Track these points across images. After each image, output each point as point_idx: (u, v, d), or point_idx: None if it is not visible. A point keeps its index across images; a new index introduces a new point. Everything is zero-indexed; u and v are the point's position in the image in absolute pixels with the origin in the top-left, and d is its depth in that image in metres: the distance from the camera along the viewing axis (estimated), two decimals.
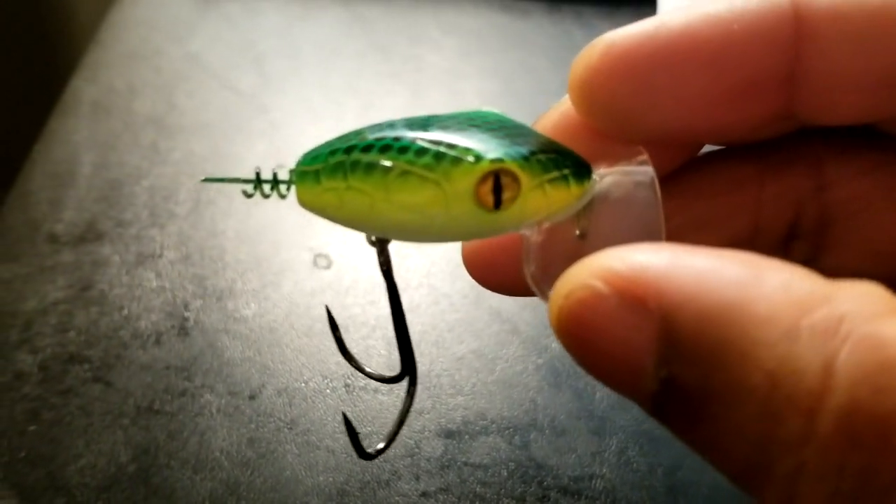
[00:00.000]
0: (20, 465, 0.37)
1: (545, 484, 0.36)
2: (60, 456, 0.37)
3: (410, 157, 0.19)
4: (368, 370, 0.25)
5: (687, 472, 0.37)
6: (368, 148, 0.20)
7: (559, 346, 0.41)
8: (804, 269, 0.16)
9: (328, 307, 0.25)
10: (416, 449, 0.38)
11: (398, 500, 0.36)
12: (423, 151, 0.19)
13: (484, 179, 0.19)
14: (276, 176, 0.21)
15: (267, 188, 0.21)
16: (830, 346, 0.15)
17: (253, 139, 0.54)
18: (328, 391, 0.40)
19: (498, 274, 0.25)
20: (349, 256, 0.47)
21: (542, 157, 0.20)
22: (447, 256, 0.47)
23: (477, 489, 0.36)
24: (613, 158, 0.22)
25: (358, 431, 0.24)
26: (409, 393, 0.24)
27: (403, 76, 0.60)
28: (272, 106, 0.57)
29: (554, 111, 0.23)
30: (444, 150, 0.19)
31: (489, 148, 0.20)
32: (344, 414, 0.25)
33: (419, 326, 0.43)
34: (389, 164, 0.19)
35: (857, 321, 0.15)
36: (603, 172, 0.22)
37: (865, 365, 0.14)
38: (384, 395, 0.40)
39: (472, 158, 0.19)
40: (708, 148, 0.25)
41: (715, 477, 0.36)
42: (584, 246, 0.22)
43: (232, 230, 0.48)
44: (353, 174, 0.20)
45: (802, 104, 0.22)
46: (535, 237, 0.22)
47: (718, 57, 0.21)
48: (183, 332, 0.42)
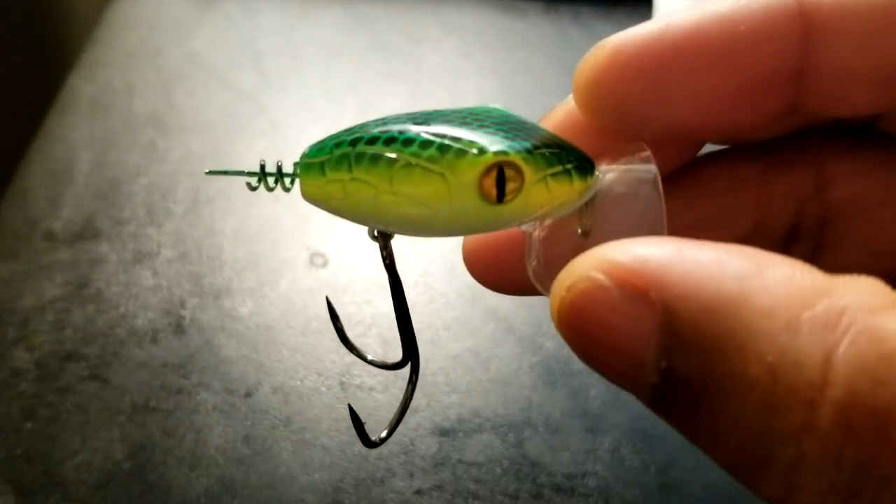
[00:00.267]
0: (17, 461, 0.37)
1: (539, 481, 0.37)
2: (57, 453, 0.37)
3: (415, 149, 0.19)
4: (370, 358, 0.25)
5: (680, 470, 0.37)
6: (373, 140, 0.20)
7: (554, 345, 0.42)
8: (805, 263, 0.16)
9: (328, 298, 0.25)
10: (410, 446, 0.38)
11: (393, 497, 0.36)
12: (427, 144, 0.19)
13: (488, 172, 0.19)
14: (280, 168, 0.21)
15: (271, 181, 0.21)
16: (831, 338, 0.15)
17: (252, 139, 0.54)
18: (323, 389, 0.40)
19: (498, 272, 0.25)
20: (346, 255, 0.47)
21: (545, 151, 0.20)
22: (444, 256, 0.47)
23: (471, 486, 0.36)
24: (616, 155, 0.22)
25: (364, 421, 0.24)
26: (411, 380, 0.23)
27: (403, 76, 0.60)
28: (272, 105, 0.57)
29: (558, 109, 0.23)
30: (448, 142, 0.19)
31: (493, 141, 0.20)
32: (349, 405, 0.25)
33: (415, 325, 0.43)
34: (394, 155, 0.19)
35: (857, 314, 0.15)
36: (606, 169, 0.22)
37: (865, 357, 0.14)
38: (379, 392, 0.40)
39: (476, 151, 0.19)
40: (708, 147, 0.25)
41: (708, 475, 0.36)
42: (586, 242, 0.22)
43: (229, 229, 0.48)
44: (357, 166, 0.20)
45: (810, 98, 0.22)
46: (537, 233, 0.22)
47: (727, 57, 0.21)
48: (179, 329, 0.42)
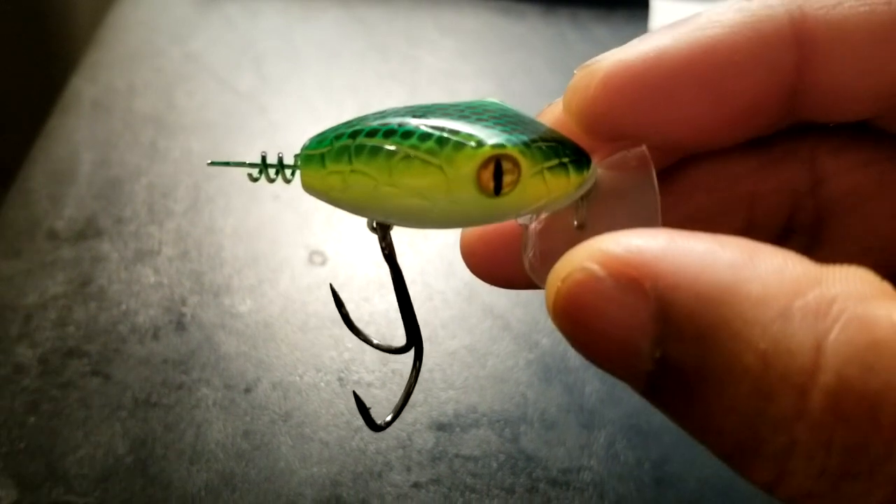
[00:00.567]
0: (20, 455, 0.37)
1: (534, 475, 0.37)
2: (59, 447, 0.37)
3: (414, 141, 0.20)
4: (376, 342, 0.25)
5: (674, 465, 0.37)
6: (373, 132, 0.20)
7: (550, 341, 0.42)
8: (796, 254, 0.16)
9: (332, 285, 0.26)
10: (408, 441, 0.38)
11: (390, 490, 0.36)
12: (426, 136, 0.20)
13: (485, 165, 0.20)
14: (281, 160, 0.22)
15: (272, 172, 0.22)
16: (822, 326, 0.15)
17: (252, 139, 0.55)
18: (322, 385, 0.41)
19: (494, 266, 0.25)
20: (344, 254, 0.47)
21: (542, 144, 0.20)
22: (442, 254, 0.47)
23: (467, 480, 0.37)
24: (612, 149, 0.22)
25: (369, 406, 0.24)
26: (415, 365, 0.24)
27: (402, 77, 0.61)
28: (271, 106, 0.57)
29: (555, 105, 0.24)
30: (447, 135, 0.20)
31: (491, 134, 0.20)
32: (354, 392, 0.25)
33: None
34: (393, 148, 0.20)
35: (848, 302, 0.15)
36: (602, 163, 0.22)
37: (855, 344, 0.15)
38: (377, 388, 0.40)
39: (474, 144, 0.20)
40: None
41: (702, 470, 0.37)
42: (582, 234, 0.22)
43: (229, 227, 0.48)
44: (357, 158, 0.20)
45: (804, 111, 0.22)
46: (534, 226, 0.23)
47: (722, 84, 0.21)
48: (180, 326, 0.43)
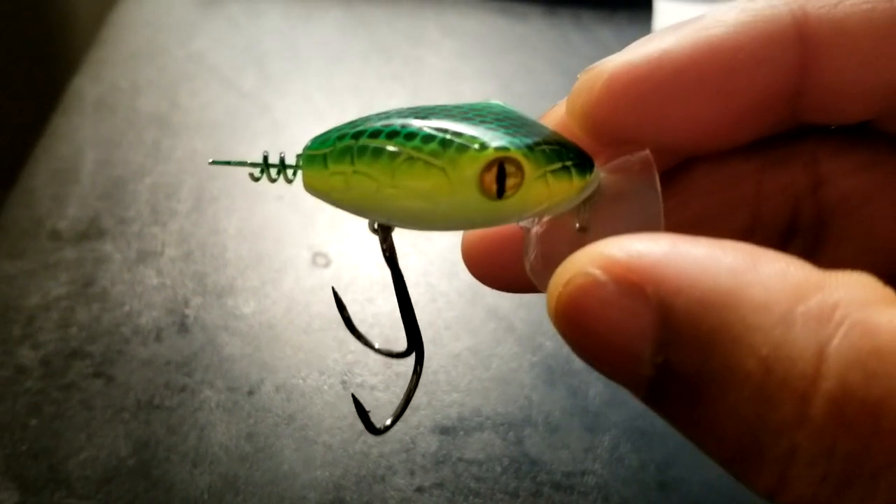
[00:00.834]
0: (22, 458, 0.37)
1: (538, 479, 0.37)
2: (62, 449, 0.37)
3: (417, 143, 0.20)
4: (377, 346, 0.25)
5: (679, 468, 0.37)
6: (376, 134, 0.20)
7: (553, 344, 0.42)
8: (799, 259, 0.16)
9: (334, 288, 0.26)
10: (411, 444, 0.38)
11: (393, 494, 0.36)
12: (429, 138, 0.20)
13: (488, 167, 0.20)
14: (283, 160, 0.22)
15: (274, 172, 0.22)
16: (824, 331, 0.15)
17: (255, 139, 0.55)
18: (325, 387, 0.40)
19: (496, 269, 0.25)
20: (348, 255, 0.47)
21: (545, 147, 0.20)
22: (444, 255, 0.47)
23: (471, 484, 0.37)
24: (615, 152, 0.22)
25: (368, 410, 0.24)
26: (415, 370, 0.24)
27: (404, 77, 0.61)
28: (274, 106, 0.57)
29: (558, 108, 0.24)
30: (450, 137, 0.20)
31: (494, 137, 0.20)
32: (353, 395, 0.25)
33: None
34: (396, 149, 0.20)
35: (850, 308, 0.15)
36: (605, 166, 0.22)
37: (858, 350, 0.15)
38: (381, 391, 0.40)
39: (477, 146, 0.20)
40: None
41: (706, 473, 0.37)
42: (584, 238, 0.22)
43: (233, 228, 0.48)
44: (360, 159, 0.20)
45: (806, 112, 0.22)
46: (535, 229, 0.23)
47: (725, 85, 0.21)
48: (183, 328, 0.43)
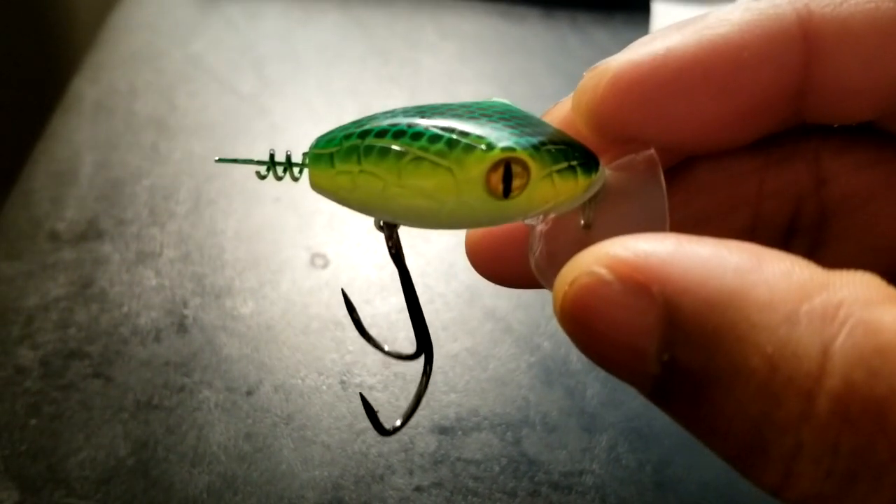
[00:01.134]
0: (21, 458, 0.37)
1: (536, 479, 0.37)
2: (61, 449, 0.37)
3: (424, 143, 0.20)
4: (387, 348, 0.25)
5: (676, 468, 0.37)
6: (383, 133, 0.20)
7: (551, 345, 0.43)
8: (803, 259, 0.17)
9: (344, 290, 0.26)
10: (409, 444, 0.38)
11: (392, 494, 0.36)
12: (436, 138, 0.20)
13: (495, 167, 0.20)
14: (289, 158, 0.22)
15: (280, 170, 0.22)
16: (829, 330, 0.15)
17: (253, 141, 0.55)
18: (324, 388, 0.41)
19: (500, 265, 0.25)
20: (346, 256, 0.47)
21: (551, 147, 0.20)
22: (442, 256, 0.47)
23: (469, 484, 0.37)
24: (620, 151, 0.22)
25: (376, 410, 0.24)
26: (425, 371, 0.24)
27: (402, 80, 0.61)
28: (272, 108, 0.58)
29: (560, 106, 0.24)
30: (456, 137, 0.20)
31: (501, 137, 0.20)
32: (361, 394, 0.25)
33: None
34: (403, 149, 0.20)
35: (854, 307, 0.15)
36: (609, 165, 0.22)
37: (861, 349, 0.15)
38: (379, 391, 0.40)
39: (484, 146, 0.20)
40: None
41: (703, 474, 0.37)
42: (589, 236, 0.22)
43: (231, 230, 0.48)
44: (366, 158, 0.20)
45: (810, 111, 0.22)
46: (541, 227, 0.23)
47: (730, 83, 0.21)
48: (182, 329, 0.43)
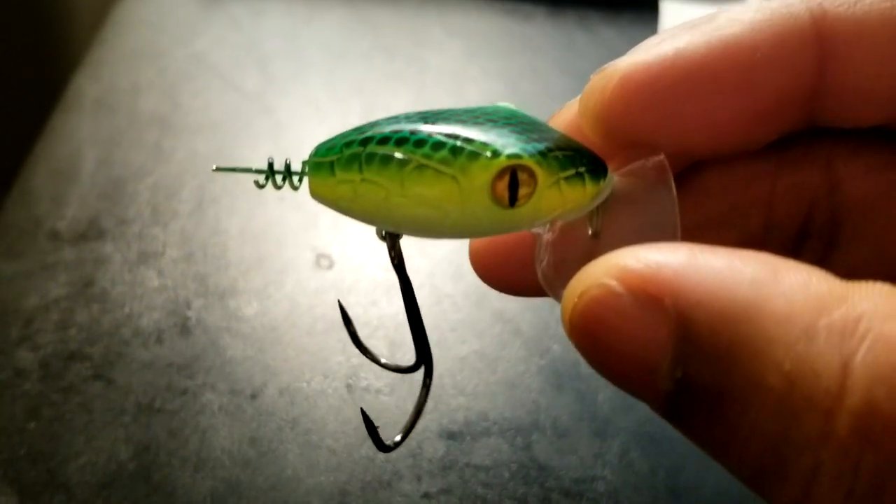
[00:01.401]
0: (20, 462, 0.36)
1: (547, 485, 0.36)
2: (60, 453, 0.37)
3: (427, 150, 0.19)
4: (384, 361, 0.25)
5: (689, 474, 0.37)
6: (385, 140, 0.19)
7: (561, 347, 0.42)
8: (820, 269, 0.16)
9: (340, 302, 0.25)
10: (417, 449, 0.37)
11: (400, 500, 0.36)
12: (439, 145, 0.19)
13: (500, 175, 0.19)
14: (288, 166, 0.21)
15: (279, 179, 0.21)
16: (848, 345, 0.15)
17: (257, 139, 0.54)
18: (330, 391, 0.40)
19: (504, 273, 0.25)
20: (351, 257, 0.46)
21: (558, 154, 0.20)
22: (450, 258, 0.46)
23: (478, 490, 0.36)
24: (629, 156, 0.22)
25: (377, 425, 0.24)
26: (424, 384, 0.23)
27: (408, 78, 0.60)
28: (277, 106, 0.57)
29: (566, 110, 0.23)
30: (461, 144, 0.19)
31: (506, 143, 0.19)
32: (362, 409, 0.24)
33: None
34: (405, 157, 0.19)
35: (874, 321, 0.15)
36: (618, 171, 0.22)
37: (883, 365, 0.14)
38: (386, 395, 0.40)
39: (489, 154, 0.19)
40: None
41: (717, 480, 0.36)
42: (597, 245, 0.21)
43: (235, 229, 0.48)
44: (368, 167, 0.19)
45: (823, 112, 0.22)
46: (547, 235, 0.22)
47: (742, 85, 0.21)
48: (185, 330, 0.42)
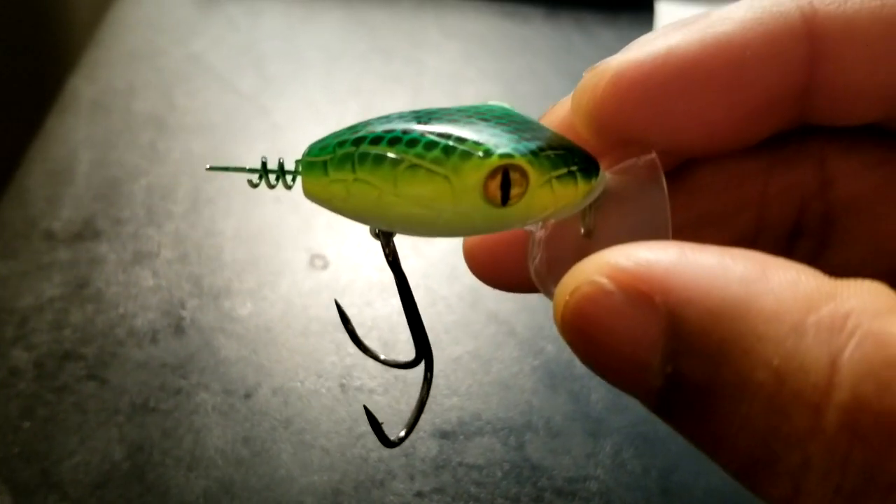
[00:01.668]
0: (14, 461, 0.36)
1: (540, 485, 0.36)
2: (55, 453, 0.37)
3: (419, 150, 0.19)
4: (383, 357, 0.25)
5: (681, 474, 0.37)
6: (377, 140, 0.19)
7: (555, 348, 0.42)
8: (809, 267, 0.16)
9: (337, 301, 0.25)
10: (411, 449, 0.37)
11: (393, 499, 0.36)
12: (432, 145, 0.19)
13: (493, 175, 0.19)
14: (282, 166, 0.21)
15: (273, 178, 0.21)
16: (836, 342, 0.15)
17: (254, 141, 0.54)
18: (323, 391, 0.40)
19: (498, 270, 0.25)
20: (346, 257, 0.47)
21: (550, 153, 0.20)
22: (444, 259, 0.46)
23: (471, 489, 0.36)
24: (620, 155, 0.22)
25: (381, 421, 0.24)
26: (426, 378, 0.23)
27: (405, 79, 0.60)
28: (273, 108, 0.57)
29: (559, 108, 0.23)
30: (453, 143, 0.19)
31: (499, 143, 0.19)
32: (365, 406, 0.24)
33: None
34: (398, 156, 0.19)
35: (862, 318, 0.15)
36: (610, 169, 0.22)
37: (871, 361, 0.14)
38: (379, 395, 0.40)
39: (481, 153, 0.19)
40: None
41: (709, 479, 0.36)
42: (589, 243, 0.21)
43: (230, 230, 0.48)
44: (361, 166, 0.19)
45: (814, 111, 0.22)
46: (540, 233, 0.22)
47: (733, 83, 0.21)
48: (179, 330, 0.42)
